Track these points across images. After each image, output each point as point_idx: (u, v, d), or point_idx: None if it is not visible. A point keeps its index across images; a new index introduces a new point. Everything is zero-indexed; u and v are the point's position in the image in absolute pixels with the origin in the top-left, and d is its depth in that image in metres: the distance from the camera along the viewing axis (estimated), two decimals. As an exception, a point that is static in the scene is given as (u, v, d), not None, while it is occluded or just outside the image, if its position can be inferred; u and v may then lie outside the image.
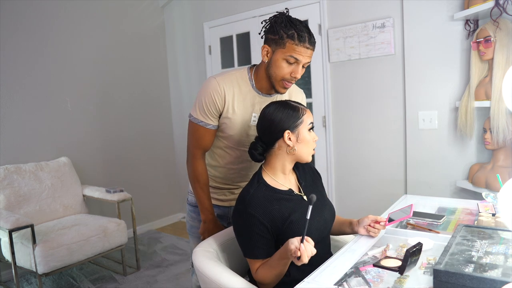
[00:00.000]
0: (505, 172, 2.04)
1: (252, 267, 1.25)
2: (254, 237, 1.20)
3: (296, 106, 1.29)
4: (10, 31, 2.87)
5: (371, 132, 2.75)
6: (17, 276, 2.29)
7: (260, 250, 1.21)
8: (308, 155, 1.29)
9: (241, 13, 3.34)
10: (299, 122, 1.26)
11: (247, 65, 1.55)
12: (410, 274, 1.04)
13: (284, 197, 1.27)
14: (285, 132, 1.25)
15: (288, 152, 1.27)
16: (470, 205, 1.63)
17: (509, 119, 1.98)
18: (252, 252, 1.23)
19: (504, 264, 0.94)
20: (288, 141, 1.25)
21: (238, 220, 1.25)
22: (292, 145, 1.26)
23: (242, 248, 1.27)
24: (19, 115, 2.93)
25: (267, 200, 1.23)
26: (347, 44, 2.76)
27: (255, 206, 1.21)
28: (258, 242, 1.21)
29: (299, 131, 1.26)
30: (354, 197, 2.83)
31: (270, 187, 1.27)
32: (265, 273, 1.20)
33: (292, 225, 1.21)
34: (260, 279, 1.22)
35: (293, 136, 1.26)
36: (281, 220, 1.21)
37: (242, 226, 1.24)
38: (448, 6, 2.30)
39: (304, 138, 1.26)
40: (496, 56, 1.99)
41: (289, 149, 1.26)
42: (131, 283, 2.68)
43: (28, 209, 2.67)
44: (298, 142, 1.26)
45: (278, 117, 1.26)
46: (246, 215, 1.21)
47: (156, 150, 3.86)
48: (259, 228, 1.20)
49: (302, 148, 1.27)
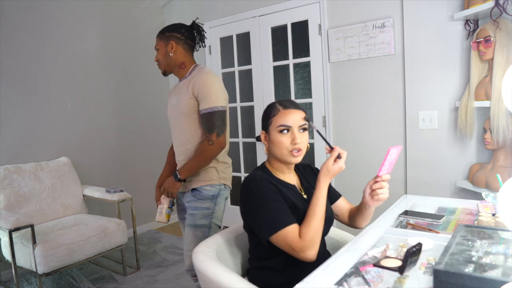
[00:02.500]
0: (505, 172, 2.04)
1: (289, 239, 1.14)
2: (275, 206, 1.18)
3: (274, 106, 1.28)
4: (10, 31, 2.87)
5: (371, 132, 2.75)
6: (17, 276, 2.29)
7: (287, 216, 1.17)
8: (283, 156, 1.26)
9: (241, 13, 3.35)
10: (269, 123, 1.27)
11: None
12: (410, 274, 1.04)
13: (288, 186, 1.30)
14: (261, 132, 1.30)
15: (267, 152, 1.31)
16: (470, 205, 1.63)
17: (509, 119, 1.98)
18: (280, 222, 1.15)
19: (504, 264, 0.94)
20: (263, 141, 1.30)
21: (253, 198, 1.21)
22: (265, 145, 1.30)
23: (267, 225, 1.17)
24: (19, 115, 2.93)
25: (275, 182, 1.26)
26: (347, 44, 2.76)
27: (267, 182, 1.23)
28: (283, 209, 1.18)
29: (270, 132, 1.27)
30: (354, 197, 2.82)
31: (275, 176, 1.31)
32: (310, 227, 1.14)
33: (296, 211, 1.22)
34: (309, 241, 1.13)
35: (267, 136, 1.29)
36: (288, 200, 1.23)
37: (259, 203, 1.20)
38: (448, 6, 2.30)
39: (274, 138, 1.26)
40: (496, 56, 1.99)
41: (265, 148, 1.31)
42: (131, 283, 2.68)
43: (28, 209, 2.67)
44: (270, 143, 1.28)
45: (262, 116, 1.32)
46: (260, 189, 1.20)
47: (156, 150, 3.85)
48: (277, 196, 1.20)
49: (273, 149, 1.27)
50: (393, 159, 1.24)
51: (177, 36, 1.87)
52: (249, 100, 3.48)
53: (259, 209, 1.19)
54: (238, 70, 3.53)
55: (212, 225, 1.82)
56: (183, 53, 1.89)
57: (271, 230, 1.16)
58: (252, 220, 1.24)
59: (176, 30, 1.88)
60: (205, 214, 1.80)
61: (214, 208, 1.80)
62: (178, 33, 1.87)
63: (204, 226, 1.80)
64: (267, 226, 1.17)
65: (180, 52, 1.88)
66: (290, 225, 1.16)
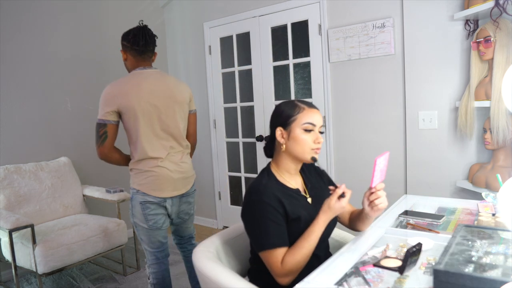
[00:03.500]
0: (505, 172, 2.04)
1: (273, 261, 1.17)
2: (270, 225, 1.18)
3: (297, 104, 1.27)
4: (10, 31, 2.87)
5: (371, 132, 2.75)
6: (17, 276, 2.29)
7: (278, 238, 1.18)
8: (303, 154, 1.25)
9: (241, 13, 3.34)
10: (292, 120, 1.25)
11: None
12: (410, 274, 1.04)
13: (292, 194, 1.29)
14: (277, 128, 1.26)
15: (281, 149, 1.28)
16: (470, 205, 1.63)
17: (509, 119, 1.98)
18: (270, 242, 1.17)
19: (504, 264, 0.94)
20: (279, 138, 1.26)
21: (251, 211, 1.23)
22: (282, 142, 1.26)
23: (257, 240, 1.21)
24: (19, 115, 2.93)
25: (279, 192, 1.24)
26: (347, 44, 2.76)
27: (269, 195, 1.21)
28: (275, 230, 1.18)
29: (291, 129, 1.25)
30: (354, 197, 2.82)
31: (279, 182, 1.29)
32: (296, 259, 1.15)
33: (300, 223, 1.22)
34: (288, 269, 1.15)
35: (285, 133, 1.26)
36: (291, 213, 1.22)
37: (255, 217, 1.21)
38: (448, 6, 2.30)
39: (296, 136, 1.24)
40: (496, 56, 1.99)
41: (279, 145, 1.28)
42: (131, 283, 2.68)
43: (28, 209, 2.67)
44: (289, 140, 1.25)
45: (276, 113, 1.29)
46: (260, 204, 1.20)
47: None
48: (275, 216, 1.19)
49: (293, 146, 1.25)
50: (383, 167, 1.24)
51: (124, 44, 1.92)
52: (249, 100, 3.48)
53: (255, 223, 1.22)
54: (238, 70, 3.53)
55: (136, 225, 1.94)
56: (132, 60, 1.93)
57: (258, 247, 1.21)
58: (247, 230, 1.27)
59: (123, 38, 1.93)
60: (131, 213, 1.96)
61: (132, 209, 1.93)
62: (124, 41, 1.92)
63: (133, 223, 1.96)
64: (257, 241, 1.22)
65: (129, 59, 1.94)
66: (276, 249, 1.17)
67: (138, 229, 1.95)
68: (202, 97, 3.73)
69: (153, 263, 1.98)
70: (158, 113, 1.85)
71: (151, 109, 1.83)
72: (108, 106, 1.82)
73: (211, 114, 3.70)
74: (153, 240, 1.94)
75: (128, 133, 1.90)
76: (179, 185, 1.93)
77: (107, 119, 1.83)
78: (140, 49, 1.89)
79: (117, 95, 1.82)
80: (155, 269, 1.99)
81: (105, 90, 1.86)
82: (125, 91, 1.82)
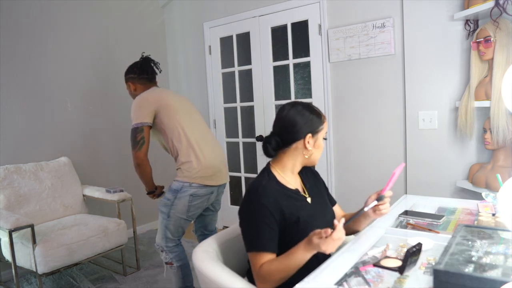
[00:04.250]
0: (505, 172, 2.04)
1: (255, 262, 1.19)
2: (263, 228, 1.20)
3: (319, 112, 1.34)
4: (10, 31, 2.87)
5: (371, 132, 2.75)
6: (17, 276, 2.29)
7: (268, 242, 1.19)
8: (317, 160, 1.37)
9: (241, 13, 3.35)
10: (320, 129, 1.31)
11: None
12: (410, 274, 1.04)
13: (292, 195, 1.30)
14: (308, 135, 1.28)
15: (303, 154, 1.31)
16: (470, 205, 1.63)
17: (509, 119, 1.98)
18: (259, 243, 1.19)
19: (504, 264, 0.94)
20: (308, 144, 1.29)
21: (248, 210, 1.25)
22: (310, 149, 1.30)
23: (248, 240, 1.23)
24: (19, 115, 2.92)
25: (278, 194, 1.26)
26: (347, 44, 2.76)
27: (267, 197, 1.22)
28: (267, 233, 1.20)
29: (318, 137, 1.31)
30: (354, 196, 2.83)
31: (279, 183, 1.31)
32: (271, 269, 1.15)
33: (299, 224, 1.24)
34: (263, 275, 1.16)
35: (311, 140, 1.29)
36: (289, 216, 1.23)
37: (251, 217, 1.23)
38: (448, 6, 2.30)
39: (320, 144, 1.33)
40: (496, 56, 1.99)
41: (306, 152, 1.30)
42: (131, 283, 2.68)
43: (28, 209, 2.67)
44: (315, 147, 1.31)
45: (303, 119, 1.29)
46: (258, 205, 1.21)
47: (155, 150, 3.85)
48: (269, 220, 1.20)
49: (316, 154, 1.34)
50: (396, 177, 1.28)
51: (130, 76, 2.24)
52: (249, 100, 3.48)
53: (249, 223, 1.23)
54: (238, 70, 3.53)
55: (171, 215, 2.05)
56: (141, 87, 2.23)
57: (248, 247, 1.23)
58: (241, 227, 1.28)
59: (129, 71, 2.25)
60: (165, 204, 2.09)
61: (173, 200, 2.05)
62: (130, 74, 2.24)
63: (163, 213, 2.08)
64: (247, 241, 1.24)
65: (138, 88, 2.24)
66: (262, 252, 1.18)
67: (170, 220, 2.06)
68: (202, 97, 3.73)
69: (174, 246, 2.13)
70: (188, 109, 2.16)
71: (182, 106, 2.14)
72: (145, 108, 2.03)
73: (211, 114, 3.71)
74: (179, 230, 2.11)
75: (169, 131, 2.06)
76: (224, 174, 2.16)
77: (144, 121, 2.01)
78: (149, 77, 2.24)
79: (150, 98, 2.07)
80: (177, 251, 2.14)
81: (136, 100, 2.09)
82: (156, 95, 2.11)
